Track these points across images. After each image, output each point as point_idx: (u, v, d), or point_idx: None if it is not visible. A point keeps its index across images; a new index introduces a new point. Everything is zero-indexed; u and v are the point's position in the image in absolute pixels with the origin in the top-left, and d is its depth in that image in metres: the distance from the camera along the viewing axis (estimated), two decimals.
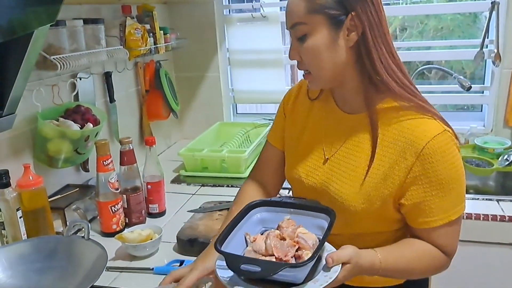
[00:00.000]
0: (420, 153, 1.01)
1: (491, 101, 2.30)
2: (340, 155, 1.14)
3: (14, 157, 1.47)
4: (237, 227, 1.05)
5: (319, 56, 1.04)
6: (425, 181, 1.03)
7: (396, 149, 1.05)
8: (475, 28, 6.94)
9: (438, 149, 1.01)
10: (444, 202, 1.04)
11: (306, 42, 1.04)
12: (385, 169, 1.06)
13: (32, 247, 1.20)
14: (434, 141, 1.01)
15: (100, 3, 1.86)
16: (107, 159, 1.47)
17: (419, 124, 1.04)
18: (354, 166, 1.10)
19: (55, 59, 1.40)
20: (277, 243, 0.99)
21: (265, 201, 1.15)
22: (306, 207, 1.09)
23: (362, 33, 1.01)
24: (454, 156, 1.03)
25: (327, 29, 1.02)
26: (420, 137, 1.02)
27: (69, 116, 1.56)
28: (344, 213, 1.09)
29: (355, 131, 1.12)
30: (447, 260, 1.10)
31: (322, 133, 1.20)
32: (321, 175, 1.16)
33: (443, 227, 1.06)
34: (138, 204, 1.59)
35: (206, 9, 2.45)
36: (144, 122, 2.24)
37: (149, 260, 1.41)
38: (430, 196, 1.03)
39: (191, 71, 2.57)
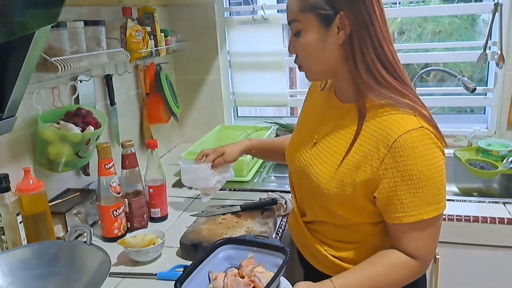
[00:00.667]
0: (391, 146, 1.03)
1: (494, 103, 2.28)
2: (326, 140, 1.20)
3: (13, 161, 1.44)
4: (203, 263, 1.17)
5: (310, 52, 1.12)
6: (396, 174, 1.04)
7: (372, 140, 1.08)
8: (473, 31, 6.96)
9: (409, 144, 1.02)
10: (415, 198, 1.04)
11: (300, 38, 1.12)
12: (359, 157, 1.09)
13: (33, 253, 1.17)
14: (407, 135, 1.03)
15: (101, 5, 1.84)
16: (108, 162, 1.45)
17: (397, 119, 1.05)
18: (334, 151, 1.15)
19: (56, 61, 1.38)
20: (233, 282, 1.11)
21: (230, 239, 1.28)
22: (266, 245, 1.21)
23: (349, 32, 1.06)
24: (430, 154, 1.04)
25: (317, 27, 1.08)
26: (394, 130, 1.04)
27: (69, 119, 1.53)
28: (322, 197, 1.16)
29: (343, 118, 1.17)
30: (419, 267, 1.09)
31: (318, 120, 1.27)
32: (307, 158, 1.23)
33: (416, 228, 1.06)
34: (140, 208, 1.56)
35: (206, 11, 2.42)
36: (144, 125, 2.21)
37: (151, 266, 1.38)
38: (401, 191, 1.04)
39: (191, 74, 2.55)
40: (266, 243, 1.23)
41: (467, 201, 1.78)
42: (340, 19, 1.05)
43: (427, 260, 1.11)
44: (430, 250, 1.10)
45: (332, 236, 1.23)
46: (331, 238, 1.23)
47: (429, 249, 1.10)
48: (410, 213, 1.05)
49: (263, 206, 1.63)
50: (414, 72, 3.36)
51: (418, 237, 1.07)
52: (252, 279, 1.12)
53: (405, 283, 1.12)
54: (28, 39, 1.16)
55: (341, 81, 1.17)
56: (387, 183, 1.06)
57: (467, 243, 1.67)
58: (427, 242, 1.09)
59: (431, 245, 1.10)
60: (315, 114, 1.30)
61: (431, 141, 1.04)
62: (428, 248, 1.10)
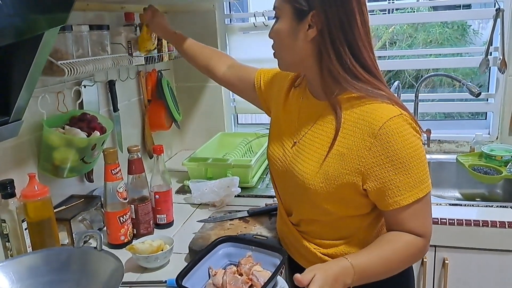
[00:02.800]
0: (377, 133, 1.06)
1: (496, 109, 2.28)
2: (307, 138, 1.21)
3: (17, 166, 1.41)
4: (203, 259, 1.20)
5: (281, 40, 1.16)
6: (385, 160, 1.07)
7: (355, 131, 1.10)
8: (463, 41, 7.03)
9: (394, 129, 1.06)
10: (409, 179, 1.07)
11: (276, 25, 1.16)
12: (344, 150, 1.11)
13: (41, 259, 1.13)
14: (391, 121, 1.06)
15: (104, 10, 1.82)
16: (115, 167, 1.42)
17: (377, 108, 1.09)
18: (317, 148, 1.17)
19: (63, 64, 1.36)
20: (232, 279, 1.14)
21: (231, 237, 1.31)
22: (265, 245, 1.25)
23: (320, 31, 1.09)
24: (412, 137, 1.08)
25: (290, 18, 1.12)
26: (377, 119, 1.07)
27: (74, 124, 1.51)
28: (308, 194, 1.17)
29: (321, 116, 1.19)
30: (423, 242, 1.12)
31: (295, 118, 1.28)
32: (289, 158, 1.24)
33: (412, 206, 1.09)
34: (146, 214, 1.54)
35: (207, 18, 2.42)
36: (146, 132, 2.19)
37: (160, 272, 1.36)
38: (394, 175, 1.07)
39: (192, 80, 2.53)
40: (265, 243, 1.28)
41: (475, 206, 1.77)
42: (312, 17, 1.08)
43: (428, 235, 1.14)
44: (430, 225, 1.14)
45: (320, 234, 1.25)
46: (319, 236, 1.25)
47: (429, 225, 1.14)
48: (407, 194, 1.08)
49: (270, 211, 1.61)
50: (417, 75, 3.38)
51: (418, 215, 1.11)
52: (250, 277, 1.15)
53: (413, 260, 1.18)
54: (36, 42, 1.14)
55: (312, 77, 1.20)
56: (379, 171, 1.08)
57: (476, 248, 1.66)
58: (426, 218, 1.13)
59: (428, 220, 1.14)
60: (290, 113, 1.31)
61: (410, 125, 1.08)
62: (428, 224, 1.14)
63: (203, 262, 1.21)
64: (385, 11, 2.45)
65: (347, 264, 1.06)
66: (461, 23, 7.06)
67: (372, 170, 1.08)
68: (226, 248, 1.29)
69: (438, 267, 1.72)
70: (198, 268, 1.18)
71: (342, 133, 1.12)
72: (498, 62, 2.15)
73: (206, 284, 1.16)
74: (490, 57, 2.20)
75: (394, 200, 1.09)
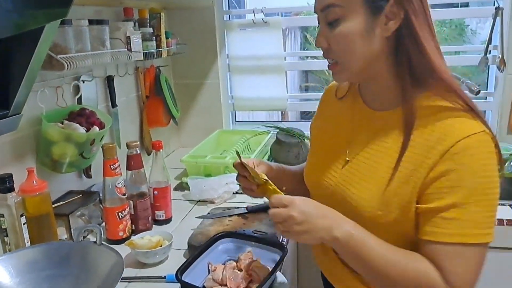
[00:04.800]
0: (447, 151, 0.87)
1: (495, 107, 2.29)
2: (363, 156, 1.03)
3: (16, 161, 1.41)
4: (203, 255, 1.21)
5: (352, 44, 0.94)
6: (445, 183, 0.87)
7: (423, 149, 0.91)
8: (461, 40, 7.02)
9: (469, 149, 0.86)
10: (466, 216, 0.86)
11: (339, 27, 0.94)
12: (408, 172, 0.92)
13: (41, 254, 1.13)
14: (468, 140, 0.87)
15: (103, 5, 1.81)
16: (114, 163, 1.42)
17: (455, 123, 0.90)
18: (375, 168, 0.99)
19: (62, 58, 1.35)
20: (232, 274, 1.15)
21: (230, 232, 1.33)
22: (265, 241, 1.26)
23: (404, 21, 0.91)
24: (490, 164, 0.87)
25: (364, 14, 0.92)
26: (451, 135, 0.88)
27: (73, 119, 1.50)
28: (361, 221, 0.96)
29: (382, 130, 1.01)
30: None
31: (346, 134, 1.10)
32: (338, 178, 1.07)
33: (453, 247, 0.88)
34: (145, 210, 1.53)
35: (206, 14, 2.41)
36: (144, 128, 2.18)
37: (159, 268, 1.35)
38: (445, 202, 0.87)
39: (190, 77, 2.52)
40: (265, 238, 1.28)
41: None
42: (392, 7, 0.91)
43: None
44: (466, 281, 0.89)
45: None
46: None
47: (465, 278, 0.88)
48: (450, 230, 0.87)
49: (269, 208, 1.60)
50: None
51: (455, 257, 0.88)
52: (250, 273, 1.16)
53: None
54: (36, 36, 1.13)
55: (376, 84, 1.02)
56: (431, 192, 0.90)
57: None
58: (466, 270, 0.88)
59: (469, 276, 0.89)
60: (339, 128, 1.13)
61: (492, 150, 0.88)
62: (464, 277, 0.88)
63: (202, 258, 1.21)
64: None
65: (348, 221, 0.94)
66: (459, 22, 7.07)
67: (425, 190, 0.90)
68: (225, 243, 1.29)
69: None
70: (198, 263, 1.19)
71: (409, 151, 0.94)
72: (497, 61, 2.15)
73: (206, 279, 1.17)
74: (489, 55, 2.20)
75: (432, 230, 0.89)
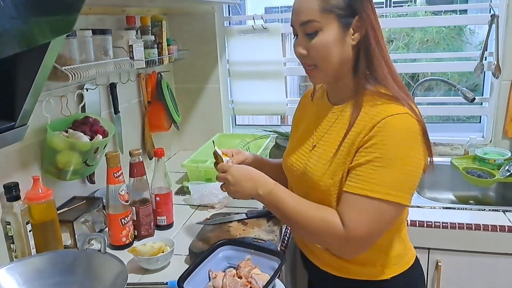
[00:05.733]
0: (375, 126, 1.09)
1: (490, 113, 2.32)
2: (323, 140, 1.25)
3: (22, 169, 1.44)
4: (204, 262, 1.25)
5: (329, 51, 1.14)
6: (365, 149, 1.10)
7: (360, 127, 1.13)
8: (459, 40, 7.06)
9: (390, 124, 1.07)
10: (371, 174, 1.07)
11: (317, 38, 1.14)
12: (348, 145, 1.14)
13: (48, 261, 1.16)
14: (391, 118, 1.08)
15: (106, 13, 1.85)
16: (117, 171, 1.45)
17: (385, 107, 1.11)
18: (328, 147, 1.21)
19: (67, 70, 1.38)
20: (232, 282, 1.18)
21: (230, 240, 1.37)
22: (264, 249, 1.30)
23: (365, 34, 1.13)
24: (406, 139, 1.08)
25: (337, 27, 1.13)
26: (380, 115, 1.10)
27: (77, 128, 1.54)
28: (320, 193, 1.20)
29: (337, 118, 1.23)
30: (342, 231, 1.09)
31: (313, 125, 1.32)
32: (305, 160, 1.28)
33: (356, 199, 1.09)
34: (147, 216, 1.57)
35: (206, 20, 2.45)
36: (146, 133, 2.22)
37: (161, 274, 1.38)
38: (362, 164, 1.09)
39: (191, 82, 2.56)
40: (263, 246, 1.32)
41: (468, 209, 1.82)
42: (357, 22, 1.13)
43: (352, 235, 1.08)
44: (362, 227, 1.08)
45: None
46: None
47: (361, 225, 1.08)
48: (357, 184, 1.09)
49: (269, 214, 1.65)
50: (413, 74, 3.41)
51: (356, 209, 1.09)
52: (249, 280, 1.19)
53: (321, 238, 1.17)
54: (43, 48, 1.16)
55: (342, 82, 1.22)
56: (357, 155, 1.11)
57: (469, 251, 1.70)
58: (362, 218, 1.08)
59: (365, 224, 1.08)
60: (309, 122, 1.35)
61: (414, 128, 1.09)
62: (359, 223, 1.08)
63: (203, 265, 1.25)
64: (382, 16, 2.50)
65: (271, 182, 1.23)
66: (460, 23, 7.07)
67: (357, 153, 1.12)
68: (225, 251, 1.33)
69: (431, 268, 1.76)
70: (199, 271, 1.23)
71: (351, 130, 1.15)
72: (492, 67, 2.19)
73: (207, 287, 1.20)
74: (484, 62, 2.24)
75: (352, 184, 1.10)
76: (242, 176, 1.25)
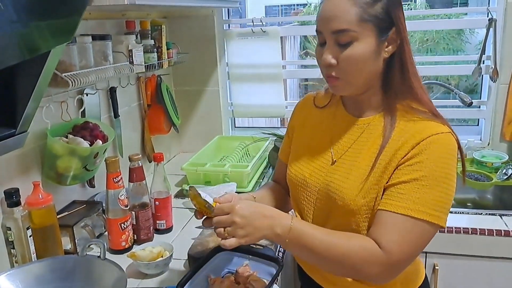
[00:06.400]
0: (417, 144, 1.03)
1: (488, 116, 2.34)
2: (347, 156, 1.16)
3: (22, 174, 1.46)
4: (202, 268, 1.25)
5: (362, 64, 1.06)
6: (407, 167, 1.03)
7: (397, 145, 1.06)
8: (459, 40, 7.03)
9: (435, 143, 1.02)
10: (416, 194, 1.01)
11: (351, 48, 1.04)
12: (384, 163, 1.07)
13: (47, 268, 1.18)
14: (435, 136, 1.03)
15: (105, 18, 1.86)
16: (117, 176, 1.46)
17: (426, 125, 1.06)
18: (358, 164, 1.12)
19: (66, 76, 1.39)
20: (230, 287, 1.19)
21: None
22: (261, 255, 1.28)
23: (399, 46, 1.07)
24: (449, 159, 1.03)
25: (374, 38, 1.05)
26: (422, 133, 1.04)
27: (77, 133, 1.55)
28: (349, 213, 1.10)
29: (364, 132, 1.15)
30: (383, 257, 1.00)
31: (330, 137, 1.23)
32: (325, 176, 1.18)
33: (401, 219, 1.01)
34: (147, 220, 1.58)
35: (206, 23, 2.46)
36: (146, 136, 2.23)
37: (160, 278, 1.40)
38: (405, 182, 1.03)
39: (191, 85, 2.57)
40: (261, 252, 1.30)
41: (465, 213, 1.83)
42: (393, 34, 1.06)
43: (394, 259, 1.01)
44: (403, 251, 1.01)
45: None
46: None
47: (402, 248, 1.01)
48: (399, 203, 1.02)
49: None
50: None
51: (397, 231, 1.01)
52: (247, 286, 1.19)
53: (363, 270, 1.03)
54: (44, 56, 1.18)
55: (366, 94, 1.15)
56: (397, 172, 1.05)
57: (466, 255, 1.71)
58: (403, 240, 1.01)
59: (406, 247, 1.01)
60: (323, 133, 1.26)
61: (455, 150, 1.05)
62: (401, 247, 1.01)
63: (202, 270, 1.25)
64: None
65: (287, 216, 1.06)
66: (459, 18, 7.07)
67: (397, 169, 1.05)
68: (224, 256, 1.33)
69: (428, 272, 1.77)
70: (197, 276, 1.23)
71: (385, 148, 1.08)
72: (490, 71, 2.20)
73: None
74: (482, 65, 2.25)
75: (387, 201, 1.04)
76: (253, 215, 1.05)
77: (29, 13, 1.04)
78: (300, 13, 7.27)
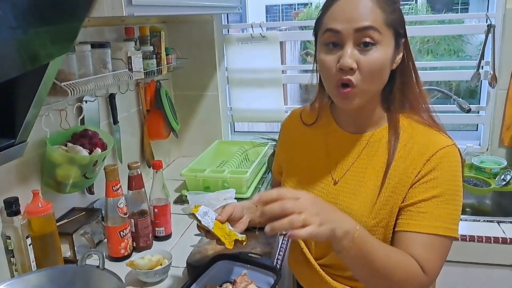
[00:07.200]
0: (428, 160, 1.03)
1: (487, 121, 2.34)
2: (350, 175, 1.14)
3: (22, 183, 1.46)
4: (201, 277, 1.26)
5: (380, 70, 1.02)
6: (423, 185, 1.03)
7: (405, 162, 1.06)
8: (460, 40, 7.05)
9: (445, 158, 1.03)
10: (437, 211, 1.01)
11: (374, 51, 0.99)
12: (394, 182, 1.06)
13: (47, 278, 1.18)
14: (443, 151, 1.04)
15: (104, 25, 1.86)
16: (116, 184, 1.47)
17: (431, 138, 1.07)
18: (365, 183, 1.11)
19: (66, 86, 1.40)
20: None
21: (226, 255, 1.34)
22: (259, 264, 1.30)
23: (405, 58, 1.07)
24: (458, 171, 1.05)
25: (392, 47, 1.02)
26: (432, 148, 1.04)
27: (76, 141, 1.55)
28: None
29: (365, 149, 1.14)
30: (424, 277, 1.00)
31: (325, 156, 1.20)
32: (328, 197, 1.15)
33: (431, 238, 1.01)
34: (146, 228, 1.59)
35: (205, 28, 2.46)
36: (145, 141, 2.24)
37: (159, 286, 1.40)
38: (424, 200, 1.02)
39: (190, 89, 2.58)
40: (259, 261, 1.32)
41: (463, 220, 1.83)
42: (403, 44, 1.06)
43: (433, 275, 1.02)
44: (437, 265, 1.02)
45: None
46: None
47: (436, 262, 1.02)
48: (428, 222, 1.01)
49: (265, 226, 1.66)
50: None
51: (429, 247, 1.01)
52: None
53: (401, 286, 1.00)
54: (43, 67, 1.18)
55: (368, 109, 1.12)
56: (413, 190, 1.04)
57: (463, 262, 1.72)
58: (435, 255, 1.02)
59: (438, 260, 1.02)
60: (316, 152, 1.23)
61: (459, 160, 1.06)
62: (435, 262, 1.02)
63: (200, 279, 1.26)
64: None
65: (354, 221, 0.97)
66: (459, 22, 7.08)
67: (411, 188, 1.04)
68: (222, 265, 1.34)
69: None
70: (196, 286, 1.24)
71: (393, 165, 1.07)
72: (488, 77, 2.20)
73: None
74: (481, 71, 2.26)
75: (412, 222, 1.02)
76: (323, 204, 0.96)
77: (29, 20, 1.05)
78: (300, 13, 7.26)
